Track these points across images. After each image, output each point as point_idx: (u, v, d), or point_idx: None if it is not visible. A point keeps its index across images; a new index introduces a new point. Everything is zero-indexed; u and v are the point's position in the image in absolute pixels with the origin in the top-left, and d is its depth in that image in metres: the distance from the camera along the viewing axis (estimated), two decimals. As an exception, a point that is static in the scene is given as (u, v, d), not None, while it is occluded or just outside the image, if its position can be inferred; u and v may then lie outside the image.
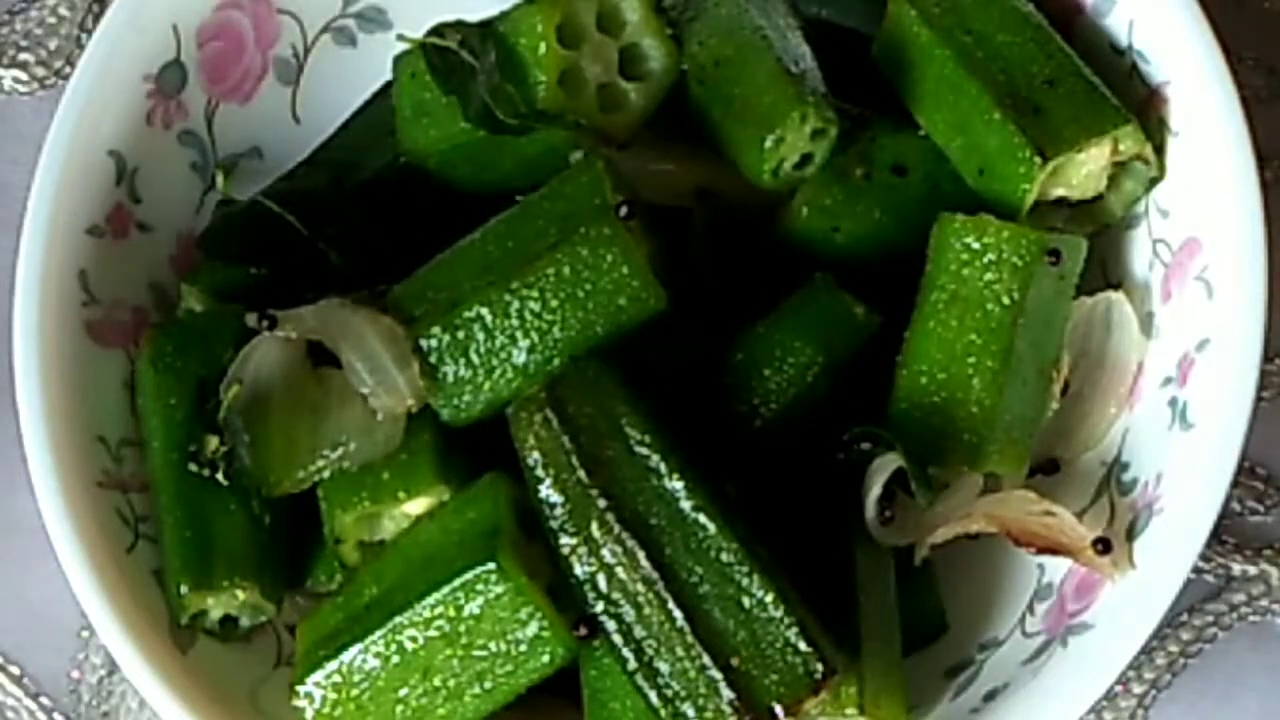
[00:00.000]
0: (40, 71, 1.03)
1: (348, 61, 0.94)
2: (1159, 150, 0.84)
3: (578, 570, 0.78)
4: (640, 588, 0.78)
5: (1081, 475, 0.86)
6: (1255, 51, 0.99)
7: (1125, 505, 0.84)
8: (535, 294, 0.81)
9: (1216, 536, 0.91)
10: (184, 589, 0.85)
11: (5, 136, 1.02)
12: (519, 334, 0.81)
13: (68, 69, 1.02)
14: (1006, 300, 0.82)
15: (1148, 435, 0.84)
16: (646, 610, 0.78)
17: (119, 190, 0.89)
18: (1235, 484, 0.81)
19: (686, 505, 0.78)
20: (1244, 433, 0.81)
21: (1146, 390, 0.85)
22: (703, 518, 0.78)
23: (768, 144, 0.83)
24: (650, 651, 0.78)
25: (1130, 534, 0.83)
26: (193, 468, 0.86)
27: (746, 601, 0.77)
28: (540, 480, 0.79)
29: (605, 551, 0.78)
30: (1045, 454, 0.86)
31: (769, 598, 0.77)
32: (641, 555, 0.78)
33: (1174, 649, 0.94)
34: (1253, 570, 0.95)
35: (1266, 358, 0.83)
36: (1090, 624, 0.82)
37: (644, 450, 0.79)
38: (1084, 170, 0.84)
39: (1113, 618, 0.81)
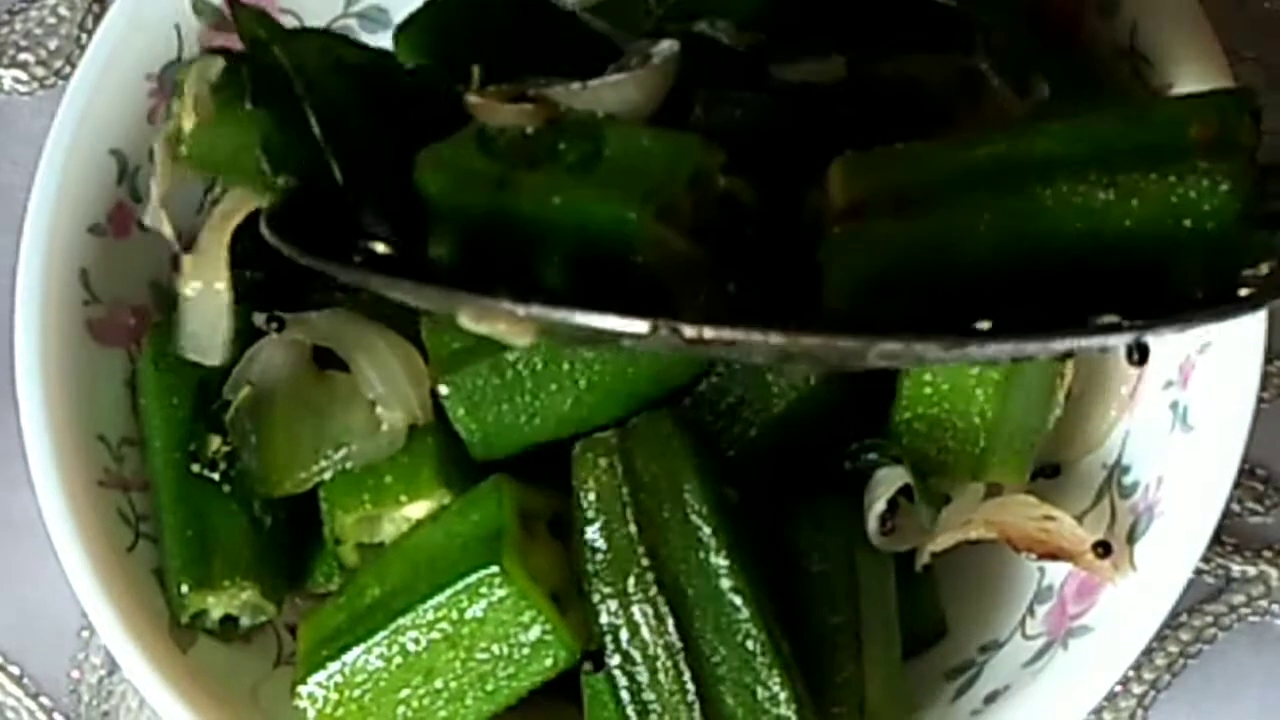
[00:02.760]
0: (40, 71, 1.02)
1: (348, 61, 0.94)
2: (1161, 152, 0.84)
3: (604, 619, 0.78)
4: (660, 652, 0.77)
5: (1082, 478, 0.86)
6: (1255, 51, 0.99)
7: (1126, 508, 0.84)
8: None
9: (1216, 537, 0.91)
10: (184, 588, 0.85)
11: (5, 136, 1.01)
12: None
13: (68, 69, 1.02)
14: (1010, 306, 0.82)
15: (1149, 438, 0.84)
16: (661, 676, 0.77)
17: (120, 189, 0.89)
18: (1235, 485, 0.81)
19: (725, 584, 0.77)
20: (1245, 435, 0.81)
21: (1147, 393, 0.85)
22: (739, 600, 0.77)
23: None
24: (654, 718, 0.78)
25: (1131, 537, 0.83)
26: (194, 467, 0.85)
27: (760, 693, 0.77)
28: (590, 522, 0.79)
29: (635, 609, 0.78)
30: (1046, 457, 0.86)
31: (783, 695, 0.77)
32: (670, 622, 0.77)
33: (1174, 649, 0.94)
34: (1252, 571, 0.95)
35: (1267, 359, 0.83)
36: (1091, 626, 0.82)
37: (698, 521, 0.78)
38: (1085, 171, 0.84)
39: (1113, 620, 0.82)
